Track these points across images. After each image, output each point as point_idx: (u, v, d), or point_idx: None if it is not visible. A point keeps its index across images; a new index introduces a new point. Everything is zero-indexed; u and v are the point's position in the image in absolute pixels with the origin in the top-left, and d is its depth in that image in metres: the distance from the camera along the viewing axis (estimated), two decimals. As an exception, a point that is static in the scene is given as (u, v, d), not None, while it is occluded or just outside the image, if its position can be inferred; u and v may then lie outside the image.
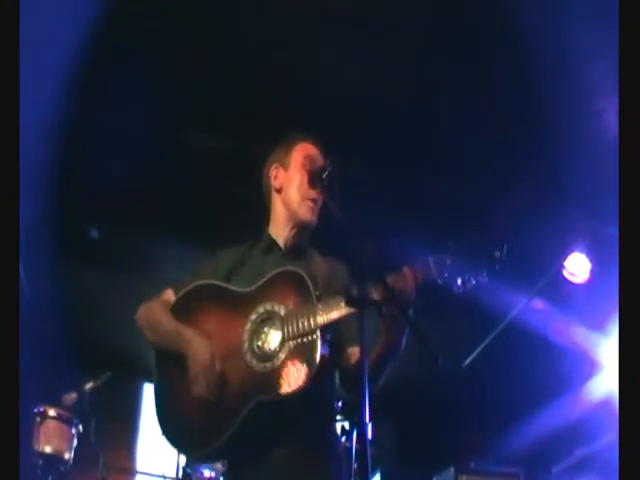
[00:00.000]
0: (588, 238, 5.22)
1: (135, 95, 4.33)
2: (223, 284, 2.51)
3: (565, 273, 5.38)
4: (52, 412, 4.54)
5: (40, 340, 4.78)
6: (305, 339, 2.27)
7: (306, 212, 2.57)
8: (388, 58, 4.30)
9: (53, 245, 4.88)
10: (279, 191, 2.65)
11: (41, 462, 4.46)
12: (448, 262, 2.30)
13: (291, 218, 2.61)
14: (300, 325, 2.28)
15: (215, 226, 5.00)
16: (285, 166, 2.65)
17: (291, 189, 2.61)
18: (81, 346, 5.69)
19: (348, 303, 2.18)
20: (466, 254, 2.32)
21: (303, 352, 2.27)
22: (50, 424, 4.53)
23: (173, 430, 2.41)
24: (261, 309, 2.38)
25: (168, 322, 2.50)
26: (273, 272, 2.45)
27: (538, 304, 5.70)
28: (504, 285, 5.13)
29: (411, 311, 2.24)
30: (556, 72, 4.24)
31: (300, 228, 2.61)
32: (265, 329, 2.35)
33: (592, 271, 5.34)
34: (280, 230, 2.63)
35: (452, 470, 5.15)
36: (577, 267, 5.36)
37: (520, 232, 5.20)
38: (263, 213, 2.73)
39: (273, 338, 2.32)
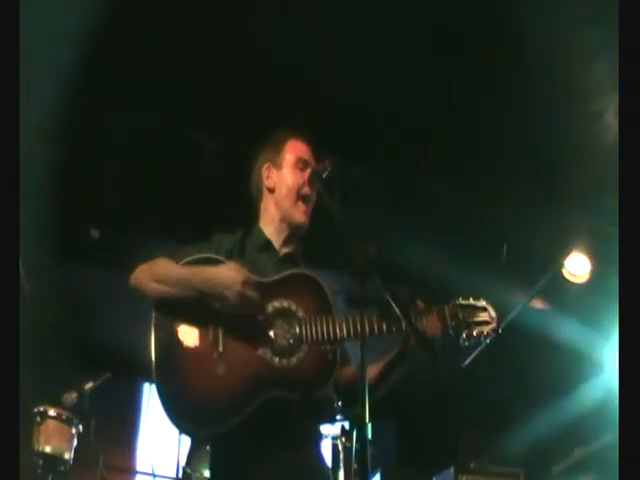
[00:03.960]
0: (588, 238, 5.22)
1: (135, 95, 4.33)
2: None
3: (565, 273, 5.38)
4: (52, 412, 4.54)
5: (40, 340, 4.78)
6: (323, 347, 2.33)
7: (299, 215, 2.60)
8: (388, 58, 4.29)
9: (53, 245, 4.88)
10: (271, 191, 2.66)
11: (41, 462, 4.45)
12: (460, 315, 2.44)
13: (284, 219, 2.62)
14: (320, 332, 2.34)
15: (215, 226, 4.99)
16: (277, 165, 2.66)
17: (284, 190, 2.62)
18: (81, 346, 5.69)
19: (348, 304, 2.21)
20: (476, 315, 2.47)
21: (320, 359, 2.34)
22: (50, 424, 4.52)
23: (175, 400, 2.31)
24: (277, 304, 2.39)
25: (180, 269, 2.40)
26: (290, 271, 2.48)
27: (538, 304, 5.70)
28: (504, 285, 5.16)
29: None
30: (557, 71, 4.24)
31: (293, 230, 2.63)
32: (281, 324, 2.37)
33: (592, 271, 5.34)
34: (274, 230, 2.63)
35: (452, 470, 5.14)
36: (577, 267, 5.36)
37: (520, 232, 5.21)
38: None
39: (289, 335, 2.35)
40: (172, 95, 4.47)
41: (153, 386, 2.40)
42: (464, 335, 2.43)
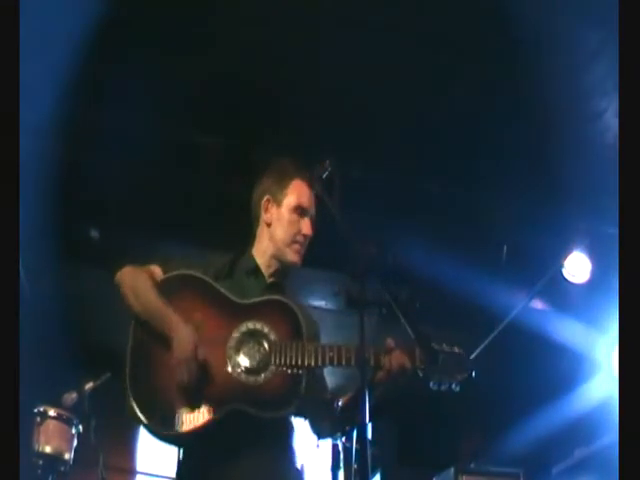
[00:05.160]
0: (588, 238, 5.22)
1: (135, 95, 4.33)
2: (216, 285, 2.55)
3: (565, 273, 5.38)
4: (52, 412, 4.54)
5: (40, 340, 4.78)
6: (291, 371, 2.41)
7: (292, 255, 2.66)
8: (388, 58, 4.29)
9: (53, 245, 4.88)
10: (268, 225, 2.70)
11: (41, 462, 4.45)
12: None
13: (276, 256, 2.68)
14: (289, 356, 2.41)
15: (215, 226, 5.00)
16: (277, 202, 2.70)
17: (280, 229, 2.67)
18: (81, 346, 5.69)
19: (348, 304, 2.22)
20: (448, 362, 2.51)
21: (287, 381, 2.41)
22: (50, 424, 4.52)
23: (142, 399, 2.43)
24: (251, 325, 2.47)
25: (154, 296, 2.49)
26: (268, 297, 2.56)
27: (538, 304, 5.70)
28: (504, 285, 5.16)
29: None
30: (557, 72, 4.24)
31: (284, 266, 2.69)
32: (252, 344, 2.45)
33: (592, 271, 5.34)
34: (264, 262, 2.69)
35: (452, 470, 5.14)
36: (577, 267, 5.36)
37: (520, 232, 5.21)
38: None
39: (259, 356, 2.43)
40: (173, 95, 4.47)
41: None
42: (433, 380, 2.48)
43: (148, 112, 4.52)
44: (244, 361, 2.42)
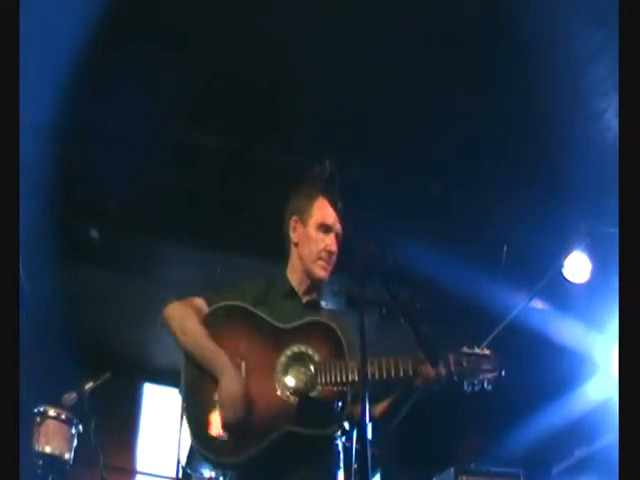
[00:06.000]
0: (588, 238, 5.22)
1: (136, 95, 4.33)
2: (259, 312, 2.67)
3: (565, 273, 5.37)
4: (52, 412, 4.54)
5: (40, 340, 4.78)
6: (336, 388, 2.52)
7: (319, 270, 2.80)
8: (388, 59, 4.30)
9: (53, 245, 4.88)
10: (296, 244, 2.84)
11: (41, 462, 4.44)
12: (464, 364, 2.63)
13: (305, 272, 2.82)
14: (334, 375, 2.53)
15: (214, 226, 5.00)
16: (303, 221, 2.83)
17: (307, 248, 2.81)
18: (81, 346, 5.69)
19: (348, 303, 2.24)
20: (479, 363, 2.68)
21: (334, 398, 2.53)
22: (50, 424, 4.52)
23: (199, 432, 2.51)
24: (296, 348, 2.60)
25: (202, 336, 2.60)
26: (308, 319, 2.69)
27: (538, 304, 5.70)
28: (504, 285, 5.16)
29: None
30: (557, 72, 4.24)
31: (314, 282, 2.83)
32: (298, 367, 2.57)
33: (592, 271, 5.34)
34: (297, 280, 2.83)
35: (452, 471, 5.13)
36: (577, 267, 5.36)
37: (520, 232, 5.21)
38: (260, 218, 2.80)
39: (306, 377, 2.55)
40: (173, 95, 4.47)
41: (154, 387, 2.54)
42: (467, 382, 2.63)
43: (148, 112, 4.52)
44: (292, 383, 2.54)
